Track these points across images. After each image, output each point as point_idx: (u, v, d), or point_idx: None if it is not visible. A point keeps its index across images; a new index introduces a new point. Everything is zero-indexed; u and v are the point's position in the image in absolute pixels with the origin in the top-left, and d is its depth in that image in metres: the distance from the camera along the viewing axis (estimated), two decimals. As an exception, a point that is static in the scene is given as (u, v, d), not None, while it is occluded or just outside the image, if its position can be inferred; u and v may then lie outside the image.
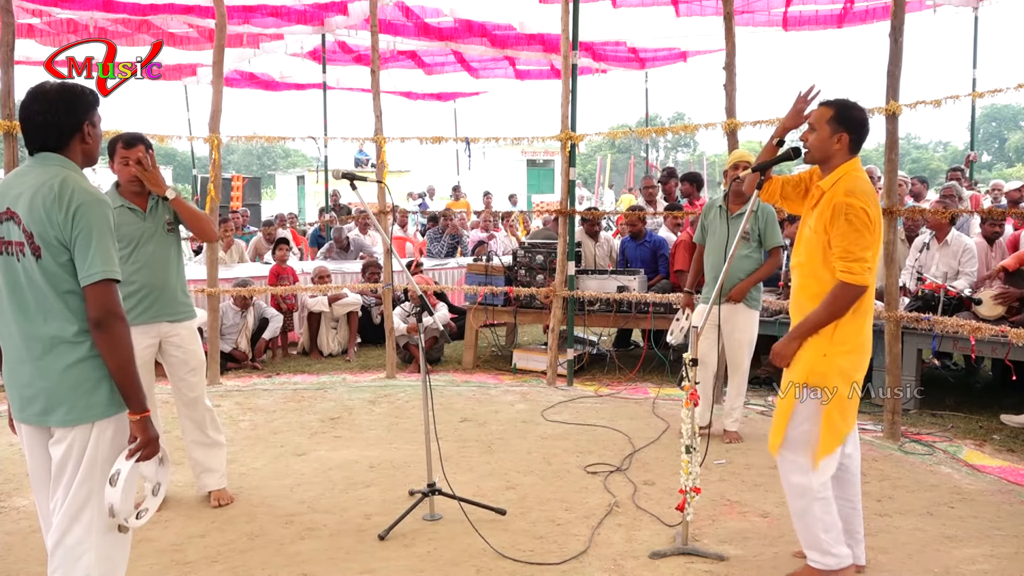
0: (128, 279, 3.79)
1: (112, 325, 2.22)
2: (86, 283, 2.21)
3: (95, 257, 2.21)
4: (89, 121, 2.35)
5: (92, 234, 2.21)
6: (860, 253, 2.90)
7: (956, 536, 3.59)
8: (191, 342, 3.96)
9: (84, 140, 2.35)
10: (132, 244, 3.82)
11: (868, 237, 2.90)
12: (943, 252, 6.13)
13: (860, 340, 3.01)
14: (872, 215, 2.91)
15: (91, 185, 2.30)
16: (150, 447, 2.30)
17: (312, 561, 3.37)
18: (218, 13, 6.71)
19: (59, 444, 2.28)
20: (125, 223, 3.80)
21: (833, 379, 2.97)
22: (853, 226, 2.89)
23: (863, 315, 3.01)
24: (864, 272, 2.91)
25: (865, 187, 2.96)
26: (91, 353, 2.26)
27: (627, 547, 3.49)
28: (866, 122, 3.07)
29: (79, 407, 2.25)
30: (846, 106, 3.05)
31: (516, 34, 11.67)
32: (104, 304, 2.21)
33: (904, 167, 26.98)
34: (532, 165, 29.08)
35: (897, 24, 4.87)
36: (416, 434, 4.97)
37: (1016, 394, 5.72)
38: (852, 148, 3.04)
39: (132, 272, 3.80)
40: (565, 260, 6.58)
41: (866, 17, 9.94)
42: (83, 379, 2.26)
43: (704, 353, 4.64)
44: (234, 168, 44.67)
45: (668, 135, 11.63)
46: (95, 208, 2.24)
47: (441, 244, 10.94)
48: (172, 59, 12.22)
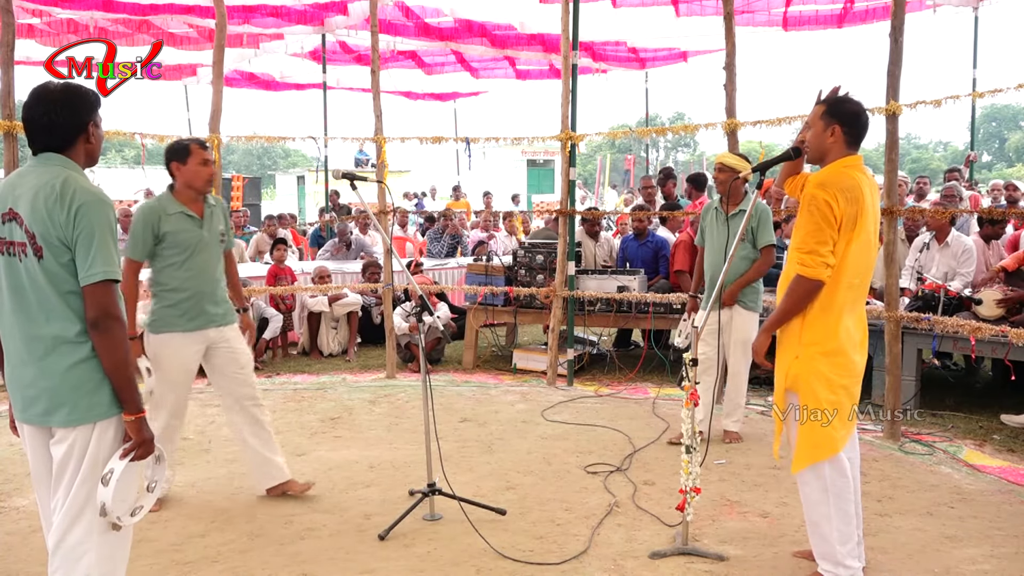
0: (181, 286, 3.80)
1: (110, 326, 2.22)
2: (86, 283, 2.21)
3: (96, 257, 2.21)
4: (93, 121, 2.35)
5: (94, 234, 2.21)
6: (815, 246, 2.85)
7: (956, 536, 3.59)
8: (238, 341, 4.00)
9: (88, 140, 2.35)
10: (188, 251, 3.80)
11: (827, 231, 2.84)
12: (943, 253, 6.12)
13: (837, 342, 2.92)
14: (837, 211, 2.82)
15: (93, 185, 2.31)
16: (144, 447, 2.31)
17: (312, 561, 3.37)
18: (218, 13, 6.71)
19: (60, 444, 2.28)
20: (182, 229, 3.79)
21: (810, 382, 2.93)
22: (813, 218, 2.86)
23: (836, 313, 2.92)
24: (818, 266, 2.85)
25: (843, 181, 2.86)
26: (93, 353, 2.26)
27: (627, 547, 3.49)
28: (860, 114, 2.99)
29: (81, 407, 2.26)
30: (838, 100, 3.03)
31: (516, 34, 11.67)
32: (102, 305, 2.21)
33: (904, 167, 26.99)
34: (532, 165, 29.07)
35: (897, 24, 4.87)
36: (416, 434, 4.97)
37: (1016, 394, 5.72)
38: (848, 142, 2.96)
39: (186, 279, 3.80)
40: (565, 260, 6.58)
41: (866, 17, 9.94)
42: (85, 379, 2.26)
43: (706, 357, 4.64)
44: (234, 168, 44.66)
45: (668, 135, 11.63)
46: (97, 208, 2.23)
47: (441, 244, 10.94)
48: (172, 59, 12.22)
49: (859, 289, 3.00)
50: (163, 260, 3.79)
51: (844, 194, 2.84)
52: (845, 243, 2.88)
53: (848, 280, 2.93)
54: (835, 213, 2.83)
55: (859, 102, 3.05)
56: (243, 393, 4.00)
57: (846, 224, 2.85)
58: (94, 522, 2.28)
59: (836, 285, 2.91)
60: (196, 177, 3.81)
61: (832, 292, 2.91)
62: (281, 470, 4.07)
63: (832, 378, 2.93)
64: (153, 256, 3.80)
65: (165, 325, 3.81)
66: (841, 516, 2.97)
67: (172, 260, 3.78)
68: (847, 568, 2.98)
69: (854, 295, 2.98)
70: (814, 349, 2.94)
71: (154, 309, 3.82)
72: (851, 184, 2.87)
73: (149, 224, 3.74)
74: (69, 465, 2.28)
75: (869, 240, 2.96)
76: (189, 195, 3.83)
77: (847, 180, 2.88)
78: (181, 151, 3.82)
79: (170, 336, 3.80)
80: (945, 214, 5.84)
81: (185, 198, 3.83)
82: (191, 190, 3.83)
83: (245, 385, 4.00)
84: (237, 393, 3.99)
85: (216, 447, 4.97)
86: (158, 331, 3.81)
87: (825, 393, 2.93)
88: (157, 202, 3.84)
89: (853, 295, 2.97)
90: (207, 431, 5.31)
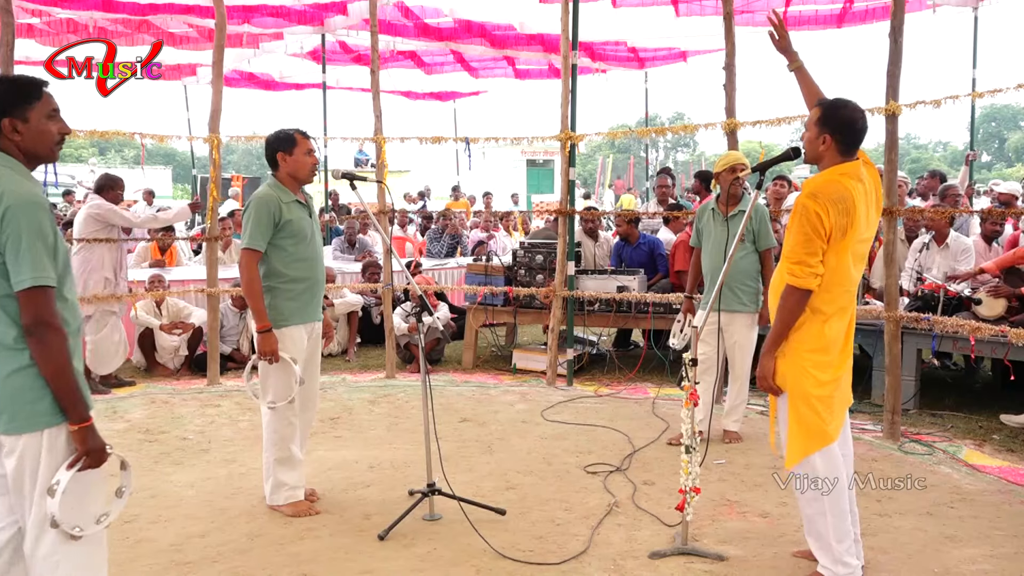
0: (301, 275, 3.76)
1: (44, 333, 2.14)
2: (16, 289, 2.13)
3: (24, 263, 2.12)
4: (11, 116, 2.22)
5: (21, 239, 2.12)
6: (804, 256, 2.87)
7: (956, 536, 3.59)
8: (319, 338, 4.00)
9: (8, 136, 2.22)
10: (304, 239, 3.77)
11: (816, 242, 2.85)
12: (943, 254, 6.12)
13: (824, 341, 2.95)
14: (827, 223, 2.82)
15: (27, 186, 2.20)
16: (92, 457, 2.22)
17: (312, 561, 3.37)
18: (218, 13, 6.71)
19: (10, 455, 2.21)
20: (299, 218, 3.76)
21: (797, 377, 2.96)
22: (803, 229, 2.87)
23: (826, 317, 2.94)
24: (807, 276, 2.87)
25: (836, 192, 2.85)
26: (34, 360, 2.17)
27: (627, 547, 3.49)
28: (854, 123, 2.93)
29: (22, 415, 2.18)
30: (833, 106, 2.97)
31: (516, 34, 11.67)
32: (35, 311, 2.13)
33: (904, 167, 26.98)
34: (532, 165, 29.09)
35: (897, 24, 4.87)
36: (416, 434, 4.97)
37: (1016, 394, 5.72)
38: (842, 150, 2.94)
39: (306, 268, 3.77)
40: (565, 260, 6.58)
41: (866, 17, 9.94)
42: (26, 387, 2.18)
43: (706, 357, 4.64)
44: (234, 168, 44.71)
45: (668, 135, 11.63)
46: (25, 211, 2.13)
47: (441, 244, 10.93)
48: (172, 59, 12.23)
49: (851, 294, 3.01)
50: (280, 250, 3.72)
51: (836, 206, 2.83)
52: (836, 253, 2.89)
53: (841, 286, 2.94)
54: (825, 225, 2.84)
55: (855, 107, 2.97)
56: (313, 390, 4.00)
57: (836, 235, 2.86)
58: (61, 532, 2.22)
59: (826, 292, 2.93)
60: (302, 167, 3.79)
61: (823, 298, 2.93)
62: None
63: (817, 374, 2.95)
64: (269, 247, 3.72)
65: (284, 319, 3.73)
66: (836, 512, 2.97)
67: (289, 249, 3.73)
68: (846, 566, 2.98)
69: (846, 301, 2.98)
70: (800, 347, 2.97)
71: (272, 304, 3.73)
72: (843, 195, 2.85)
73: (271, 212, 3.68)
74: (25, 477, 2.20)
75: (859, 249, 2.96)
76: (293, 185, 3.80)
77: (840, 191, 2.86)
78: (287, 140, 3.78)
79: (289, 330, 3.75)
80: (945, 214, 5.84)
81: (292, 185, 3.80)
82: (296, 180, 3.81)
83: (317, 376, 4.00)
84: (311, 391, 3.98)
85: (216, 447, 4.96)
86: (278, 327, 3.73)
87: (813, 387, 2.95)
88: (271, 190, 3.76)
89: (845, 301, 2.98)
90: (207, 431, 5.31)
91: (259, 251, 3.69)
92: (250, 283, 3.69)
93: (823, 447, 2.96)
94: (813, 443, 2.96)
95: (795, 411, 2.99)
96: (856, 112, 2.96)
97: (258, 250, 3.69)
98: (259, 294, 3.68)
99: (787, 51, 3.49)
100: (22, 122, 2.22)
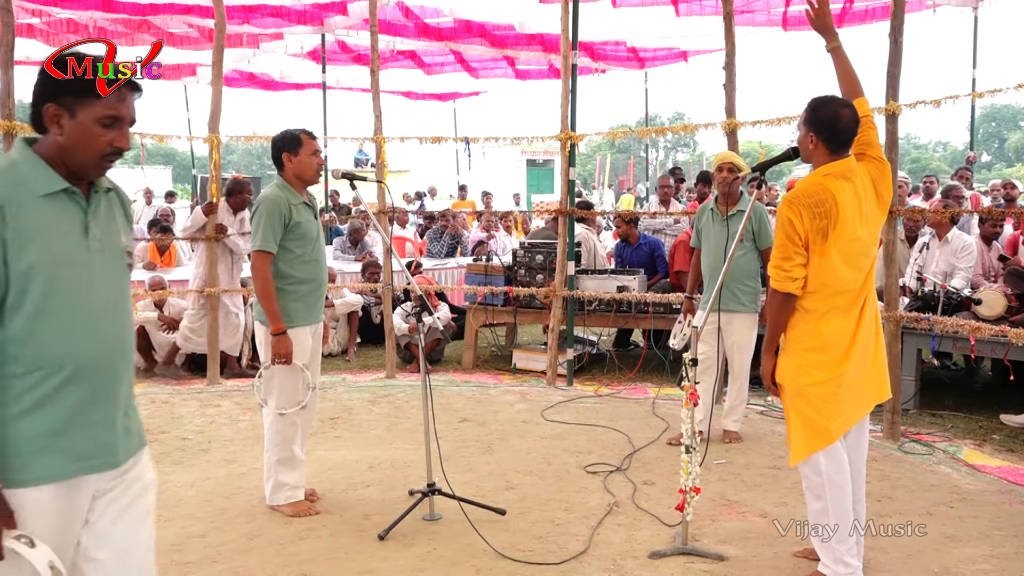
0: (308, 277, 3.76)
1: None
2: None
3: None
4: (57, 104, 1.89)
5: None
6: (780, 261, 2.93)
7: (956, 536, 3.59)
8: (320, 334, 4.00)
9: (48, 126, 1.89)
10: (311, 241, 3.77)
11: (790, 247, 2.88)
12: (943, 250, 6.13)
13: (821, 340, 2.94)
14: (800, 228, 2.84)
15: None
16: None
17: (312, 561, 3.37)
18: (218, 13, 6.71)
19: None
20: (306, 220, 3.76)
21: (794, 375, 2.97)
22: (777, 234, 2.95)
23: (820, 316, 2.93)
24: (784, 280, 2.91)
25: (813, 195, 2.84)
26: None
27: (627, 547, 3.49)
28: (836, 121, 2.87)
29: None
30: (815, 105, 2.94)
31: (516, 34, 11.67)
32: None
33: (904, 167, 26.97)
34: (532, 165, 29.09)
35: (897, 24, 4.87)
36: (416, 434, 4.97)
37: (1016, 394, 5.72)
38: (829, 149, 2.91)
39: (313, 270, 3.77)
40: (565, 260, 6.58)
41: (866, 17, 9.93)
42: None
43: (706, 357, 4.64)
44: (234, 168, 44.69)
45: (668, 135, 11.63)
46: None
47: (441, 244, 10.93)
48: (172, 59, 12.23)
49: (847, 294, 2.94)
50: (288, 252, 3.72)
51: (810, 210, 2.84)
52: (818, 255, 2.88)
53: (828, 287, 2.91)
54: (798, 231, 2.86)
55: (839, 104, 2.93)
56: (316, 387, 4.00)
57: (815, 238, 2.86)
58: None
59: (813, 293, 2.93)
60: (307, 167, 3.78)
61: (810, 299, 2.94)
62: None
63: (815, 372, 2.94)
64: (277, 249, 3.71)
65: (289, 320, 3.73)
66: (838, 512, 2.96)
67: (296, 251, 3.73)
68: (846, 566, 2.98)
69: (841, 300, 2.94)
70: (797, 345, 2.99)
71: (278, 306, 3.71)
72: (821, 198, 2.84)
73: (281, 214, 3.68)
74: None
75: (852, 248, 2.90)
76: (299, 186, 3.80)
77: (818, 193, 2.85)
78: (292, 141, 3.76)
79: (294, 332, 3.74)
80: (945, 213, 5.84)
81: (299, 187, 3.79)
82: (301, 181, 3.80)
83: (317, 376, 4.00)
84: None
85: (216, 447, 4.96)
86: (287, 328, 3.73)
87: (811, 385, 2.95)
88: (279, 191, 3.75)
89: (840, 300, 2.94)
90: (207, 431, 5.31)
91: (271, 252, 3.69)
92: (265, 286, 3.68)
93: (826, 446, 2.95)
94: (816, 442, 2.95)
95: (796, 409, 3.00)
96: (839, 109, 2.91)
97: (270, 252, 3.69)
98: (274, 296, 3.68)
99: (827, 29, 3.31)
100: (68, 115, 1.87)
